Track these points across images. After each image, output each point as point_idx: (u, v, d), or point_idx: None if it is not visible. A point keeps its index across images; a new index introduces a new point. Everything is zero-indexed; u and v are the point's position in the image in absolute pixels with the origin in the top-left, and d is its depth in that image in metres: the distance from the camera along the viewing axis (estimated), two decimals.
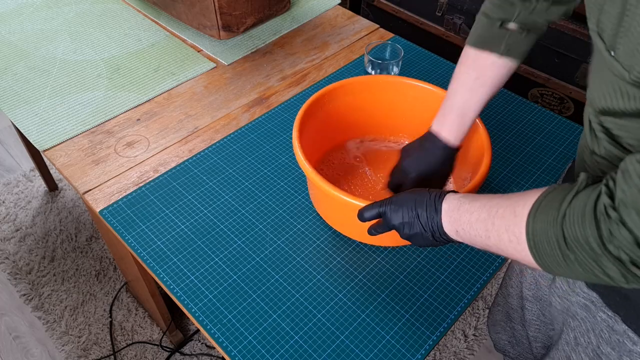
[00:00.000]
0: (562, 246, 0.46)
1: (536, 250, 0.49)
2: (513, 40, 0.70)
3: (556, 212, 0.46)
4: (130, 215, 0.87)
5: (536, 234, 0.48)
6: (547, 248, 0.47)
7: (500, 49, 0.70)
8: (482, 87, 0.73)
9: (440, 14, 1.66)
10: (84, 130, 1.01)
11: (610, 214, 0.42)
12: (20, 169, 1.94)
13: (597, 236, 0.43)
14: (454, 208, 0.61)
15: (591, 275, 0.45)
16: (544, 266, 0.50)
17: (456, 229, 0.60)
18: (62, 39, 1.23)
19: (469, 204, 0.59)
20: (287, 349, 0.71)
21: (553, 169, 0.95)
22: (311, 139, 0.85)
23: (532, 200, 0.50)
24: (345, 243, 0.83)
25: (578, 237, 0.44)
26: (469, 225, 0.58)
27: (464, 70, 0.74)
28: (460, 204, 0.60)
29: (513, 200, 0.53)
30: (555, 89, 1.53)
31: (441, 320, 0.74)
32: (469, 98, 0.74)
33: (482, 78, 0.73)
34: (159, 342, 1.45)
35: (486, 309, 1.55)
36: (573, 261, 0.45)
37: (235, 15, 1.18)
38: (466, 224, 0.58)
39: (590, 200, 0.44)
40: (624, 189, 0.41)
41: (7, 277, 1.62)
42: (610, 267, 0.43)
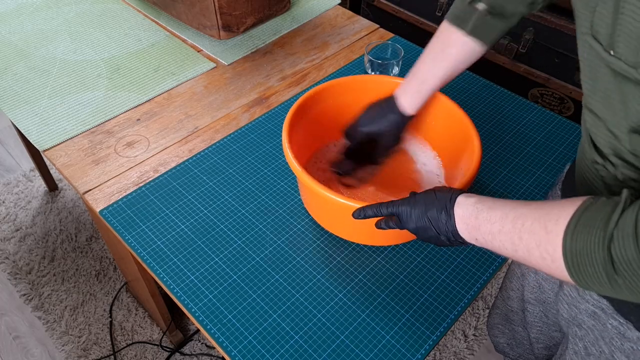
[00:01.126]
0: (609, 270, 0.43)
1: (575, 270, 0.46)
2: (480, 21, 0.71)
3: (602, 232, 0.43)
4: (130, 215, 0.87)
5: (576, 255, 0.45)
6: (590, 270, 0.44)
7: (467, 27, 0.72)
8: (444, 60, 0.76)
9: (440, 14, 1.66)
10: (84, 130, 1.01)
11: None
12: (20, 169, 1.94)
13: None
14: (471, 215, 0.58)
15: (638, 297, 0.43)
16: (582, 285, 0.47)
17: (475, 237, 0.57)
18: (62, 39, 1.23)
19: (487, 212, 0.56)
20: (287, 349, 0.71)
21: (553, 169, 0.95)
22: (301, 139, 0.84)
23: (566, 216, 0.46)
24: (345, 243, 0.83)
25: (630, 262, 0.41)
26: (490, 235, 0.55)
27: (433, 41, 0.77)
28: (478, 211, 0.57)
29: (542, 213, 0.49)
30: (555, 89, 1.53)
31: (441, 320, 0.74)
32: (430, 68, 0.77)
33: (445, 51, 0.75)
34: (159, 342, 1.45)
35: (486, 309, 1.55)
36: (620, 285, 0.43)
37: (235, 15, 1.18)
38: (487, 234, 0.55)
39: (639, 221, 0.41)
40: None
41: (7, 277, 1.62)
42: None
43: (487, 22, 0.72)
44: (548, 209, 0.49)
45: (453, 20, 0.74)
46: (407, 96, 0.80)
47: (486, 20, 0.71)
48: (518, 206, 0.53)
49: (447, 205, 0.60)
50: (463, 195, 0.60)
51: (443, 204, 0.61)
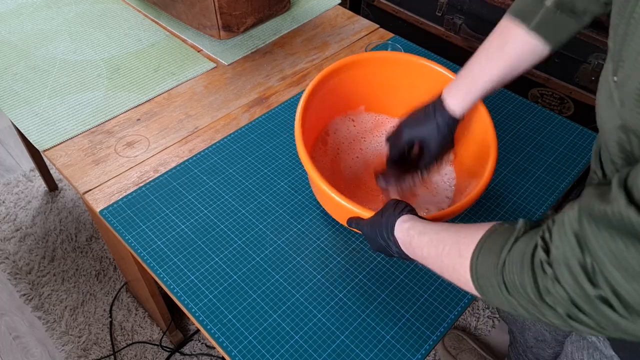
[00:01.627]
0: (504, 292, 0.46)
1: (482, 291, 0.49)
2: (546, 17, 0.65)
3: (497, 258, 0.46)
4: (130, 215, 0.87)
5: (480, 277, 0.48)
6: (491, 291, 0.47)
7: (531, 23, 0.65)
8: (501, 57, 0.68)
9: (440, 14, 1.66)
10: (84, 130, 1.01)
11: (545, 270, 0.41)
12: (20, 169, 1.94)
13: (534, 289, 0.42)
14: (406, 241, 0.61)
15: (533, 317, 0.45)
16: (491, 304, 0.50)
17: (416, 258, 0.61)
18: (62, 39, 1.23)
19: (417, 237, 0.59)
20: (287, 349, 0.71)
21: (553, 169, 0.95)
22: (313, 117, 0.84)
23: (475, 240, 0.50)
24: (345, 243, 0.83)
25: (517, 286, 0.44)
26: (423, 260, 0.59)
27: (490, 37, 0.70)
28: (410, 237, 0.60)
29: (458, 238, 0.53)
30: (555, 89, 1.53)
31: (441, 320, 0.74)
32: (484, 66, 0.70)
33: (504, 47, 0.68)
34: (159, 342, 1.45)
35: (486, 309, 1.55)
36: (516, 305, 0.45)
37: (235, 15, 1.18)
38: (421, 258, 0.59)
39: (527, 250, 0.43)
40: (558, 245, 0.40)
41: (7, 277, 1.62)
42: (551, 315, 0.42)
43: (555, 19, 0.65)
44: (464, 233, 0.52)
45: (516, 14, 0.67)
46: (456, 97, 0.72)
47: (554, 16, 0.65)
48: (441, 231, 0.56)
49: (389, 231, 0.63)
50: (400, 220, 0.63)
51: (387, 230, 0.64)
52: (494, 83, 0.70)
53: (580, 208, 0.40)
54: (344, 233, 0.85)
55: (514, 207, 0.89)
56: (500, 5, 1.45)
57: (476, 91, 0.71)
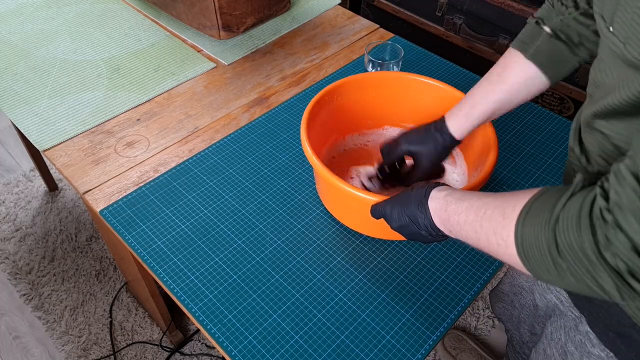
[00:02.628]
0: (553, 253, 0.42)
1: (524, 255, 0.46)
2: (543, 45, 0.67)
3: (549, 214, 0.43)
4: (130, 215, 0.87)
5: (525, 239, 0.45)
6: (537, 254, 0.44)
7: (528, 52, 0.68)
8: (501, 83, 0.71)
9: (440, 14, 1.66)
10: (84, 130, 1.01)
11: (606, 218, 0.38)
12: (20, 169, 1.94)
13: (592, 242, 0.39)
14: (441, 208, 0.59)
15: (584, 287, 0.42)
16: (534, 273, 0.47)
17: (448, 229, 0.59)
18: (62, 39, 1.23)
19: (455, 204, 0.57)
20: (287, 349, 0.71)
21: (553, 169, 0.95)
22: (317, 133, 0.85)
23: (522, 202, 0.47)
24: (345, 243, 0.83)
25: (572, 243, 0.41)
26: (458, 226, 0.56)
27: (494, 66, 0.73)
28: (447, 203, 0.58)
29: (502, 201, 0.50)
30: (555, 89, 1.53)
31: (441, 320, 0.74)
32: (484, 91, 0.72)
33: (503, 74, 0.71)
34: (159, 342, 1.45)
35: (486, 309, 1.55)
36: (565, 270, 0.42)
37: (235, 15, 1.18)
38: (456, 225, 0.56)
39: (585, 202, 0.41)
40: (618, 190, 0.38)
41: (7, 277, 1.62)
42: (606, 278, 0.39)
43: (551, 48, 0.67)
44: (509, 197, 0.49)
45: (516, 44, 0.70)
46: (455, 119, 0.75)
47: (550, 44, 0.67)
48: (483, 196, 0.54)
49: (422, 200, 0.61)
50: (436, 189, 0.61)
51: (419, 200, 0.62)
52: (492, 110, 0.72)
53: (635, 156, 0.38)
54: (344, 233, 0.85)
55: None
56: (500, 6, 1.45)
57: (474, 116, 0.73)
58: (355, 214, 0.80)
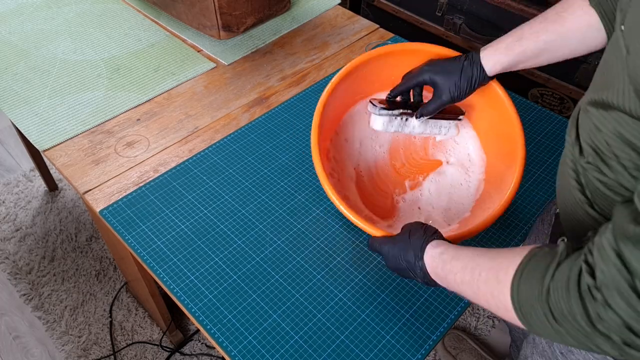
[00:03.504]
0: (551, 321, 0.44)
1: (525, 320, 0.47)
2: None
3: (540, 286, 0.44)
4: (130, 215, 0.87)
5: (522, 306, 0.46)
6: (537, 320, 0.45)
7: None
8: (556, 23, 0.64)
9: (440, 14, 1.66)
10: (84, 130, 1.01)
11: (595, 296, 0.39)
12: (20, 169, 1.94)
13: (584, 316, 0.40)
14: (437, 266, 0.60)
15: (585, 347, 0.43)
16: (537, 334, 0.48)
17: (446, 285, 0.60)
18: (62, 39, 1.23)
19: (450, 263, 0.58)
20: (287, 349, 0.71)
21: (553, 169, 0.95)
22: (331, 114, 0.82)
23: (514, 266, 0.48)
24: (345, 243, 0.83)
25: (566, 314, 0.42)
26: (455, 285, 0.57)
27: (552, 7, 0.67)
28: (443, 262, 0.59)
29: (495, 263, 0.51)
30: (555, 89, 1.53)
31: (441, 320, 0.74)
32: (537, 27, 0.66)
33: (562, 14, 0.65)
34: (159, 342, 1.45)
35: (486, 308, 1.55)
36: (565, 334, 0.43)
37: (235, 15, 1.18)
38: (452, 283, 0.58)
39: (572, 275, 0.42)
40: (603, 269, 0.39)
41: (7, 277, 1.62)
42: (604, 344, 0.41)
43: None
44: (500, 259, 0.50)
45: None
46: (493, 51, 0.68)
47: None
48: (476, 256, 0.54)
49: (419, 254, 0.63)
50: (430, 245, 0.62)
51: (416, 252, 0.63)
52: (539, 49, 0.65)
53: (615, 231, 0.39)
54: (344, 233, 0.85)
55: (514, 207, 0.89)
56: (500, 5, 1.45)
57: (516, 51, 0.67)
58: None
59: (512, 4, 1.41)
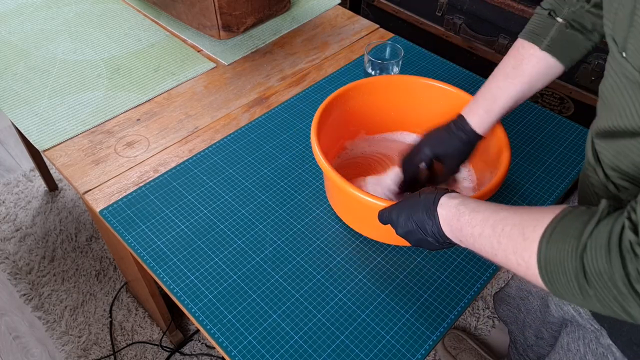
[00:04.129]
0: (580, 280, 0.42)
1: (548, 278, 0.46)
2: (558, 35, 0.67)
3: (576, 241, 0.42)
4: (130, 215, 0.87)
5: (549, 263, 0.45)
6: (562, 279, 0.44)
7: (542, 44, 0.68)
8: (518, 76, 0.71)
9: (440, 14, 1.66)
10: (84, 130, 1.01)
11: (637, 252, 0.38)
12: (20, 169, 1.94)
13: (623, 275, 0.39)
14: (453, 217, 0.58)
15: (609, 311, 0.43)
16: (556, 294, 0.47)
17: (459, 239, 0.58)
18: (62, 39, 1.23)
19: (469, 215, 0.55)
20: (287, 349, 0.71)
21: (553, 169, 0.95)
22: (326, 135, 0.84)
23: (543, 223, 0.46)
24: (345, 243, 0.83)
25: (602, 274, 0.41)
26: (472, 238, 0.55)
27: (505, 59, 0.73)
28: (460, 214, 0.57)
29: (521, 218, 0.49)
30: (555, 89, 1.53)
31: (441, 320, 0.74)
32: (502, 85, 0.72)
33: (519, 67, 0.70)
34: (159, 342, 1.45)
35: (486, 309, 1.55)
36: (592, 296, 0.42)
37: (235, 15, 1.18)
38: (469, 237, 0.55)
39: (614, 233, 0.40)
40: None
41: (7, 277, 1.62)
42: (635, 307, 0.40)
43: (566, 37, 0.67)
44: (527, 215, 0.49)
45: (528, 36, 0.70)
46: (475, 116, 0.74)
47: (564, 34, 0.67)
48: (500, 210, 0.53)
49: (431, 207, 0.60)
50: (446, 196, 0.60)
51: (427, 206, 0.60)
52: (513, 102, 0.72)
53: None
54: (344, 233, 0.85)
55: None
56: (500, 5, 1.45)
57: (495, 111, 0.73)
58: (364, 219, 0.80)
59: (512, 4, 1.41)
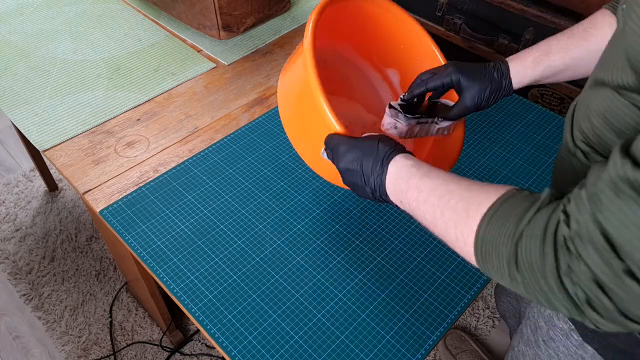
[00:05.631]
0: (511, 266, 0.42)
1: (482, 258, 0.45)
2: None
3: (513, 227, 0.42)
4: (130, 215, 0.87)
5: (485, 244, 0.44)
6: (495, 261, 0.44)
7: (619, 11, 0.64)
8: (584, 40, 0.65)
9: (440, 14, 1.66)
10: (84, 130, 1.01)
11: (569, 247, 0.38)
12: (20, 169, 1.94)
13: (554, 267, 0.39)
14: (402, 177, 0.55)
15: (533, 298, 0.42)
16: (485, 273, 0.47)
17: (400, 200, 0.56)
18: (62, 39, 1.23)
19: (419, 179, 0.53)
20: (287, 349, 0.71)
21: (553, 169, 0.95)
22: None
23: (488, 202, 0.45)
24: (345, 243, 0.83)
25: (532, 264, 0.40)
26: (415, 203, 0.53)
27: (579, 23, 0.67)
28: (410, 175, 0.54)
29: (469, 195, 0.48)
30: (555, 89, 1.53)
31: (441, 320, 0.74)
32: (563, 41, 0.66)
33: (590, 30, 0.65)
34: (159, 342, 1.45)
35: (486, 309, 1.55)
36: (519, 282, 0.42)
37: (235, 15, 1.18)
38: (412, 201, 0.53)
39: (550, 225, 0.40)
40: (578, 219, 0.38)
41: (7, 277, 1.62)
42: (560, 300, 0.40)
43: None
44: (475, 192, 0.48)
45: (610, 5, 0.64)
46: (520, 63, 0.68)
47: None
48: (450, 181, 0.51)
49: (384, 159, 0.57)
50: (402, 155, 0.57)
51: (381, 157, 0.57)
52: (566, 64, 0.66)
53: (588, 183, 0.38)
54: (344, 233, 0.85)
55: None
56: (500, 5, 1.45)
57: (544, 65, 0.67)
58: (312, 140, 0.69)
59: (512, 4, 1.41)
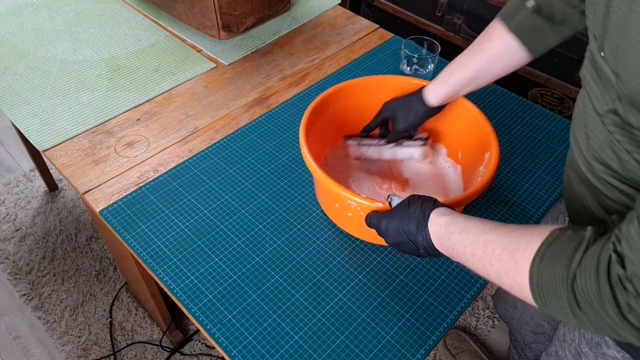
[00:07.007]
0: (573, 307, 0.43)
1: (542, 302, 0.46)
2: (525, 20, 0.69)
3: (565, 270, 0.43)
4: (130, 215, 0.87)
5: (542, 288, 0.45)
6: (556, 304, 0.44)
7: (511, 23, 0.70)
8: (481, 53, 0.74)
9: (440, 14, 1.66)
10: (84, 130, 1.01)
11: (626, 287, 0.39)
12: (20, 169, 1.94)
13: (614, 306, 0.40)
14: (443, 236, 0.58)
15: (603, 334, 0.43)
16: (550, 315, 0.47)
17: (451, 255, 0.58)
18: (62, 39, 1.23)
19: (459, 234, 0.56)
20: (287, 349, 0.71)
21: (553, 169, 0.95)
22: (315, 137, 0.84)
23: (533, 247, 0.46)
24: (345, 243, 0.83)
25: (593, 303, 0.41)
26: (464, 257, 0.55)
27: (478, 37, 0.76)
28: (450, 233, 0.57)
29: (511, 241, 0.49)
30: (555, 89, 1.53)
31: (441, 320, 0.74)
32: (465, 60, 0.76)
33: (484, 45, 0.74)
34: (159, 342, 1.45)
35: (486, 309, 1.55)
36: (585, 322, 0.43)
37: (235, 15, 1.18)
38: (461, 256, 0.56)
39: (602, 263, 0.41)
40: (633, 259, 0.38)
41: (7, 277, 1.62)
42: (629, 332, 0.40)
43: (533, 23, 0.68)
44: (517, 237, 0.49)
45: (501, 15, 0.72)
46: (432, 85, 0.80)
47: (533, 20, 0.68)
48: (489, 231, 0.53)
49: (421, 222, 0.60)
50: (435, 213, 0.60)
51: (417, 221, 0.61)
52: (469, 78, 0.76)
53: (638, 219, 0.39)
54: (344, 233, 0.85)
55: (513, 207, 0.89)
56: (500, 6, 1.45)
57: (450, 82, 0.77)
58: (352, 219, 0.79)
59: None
